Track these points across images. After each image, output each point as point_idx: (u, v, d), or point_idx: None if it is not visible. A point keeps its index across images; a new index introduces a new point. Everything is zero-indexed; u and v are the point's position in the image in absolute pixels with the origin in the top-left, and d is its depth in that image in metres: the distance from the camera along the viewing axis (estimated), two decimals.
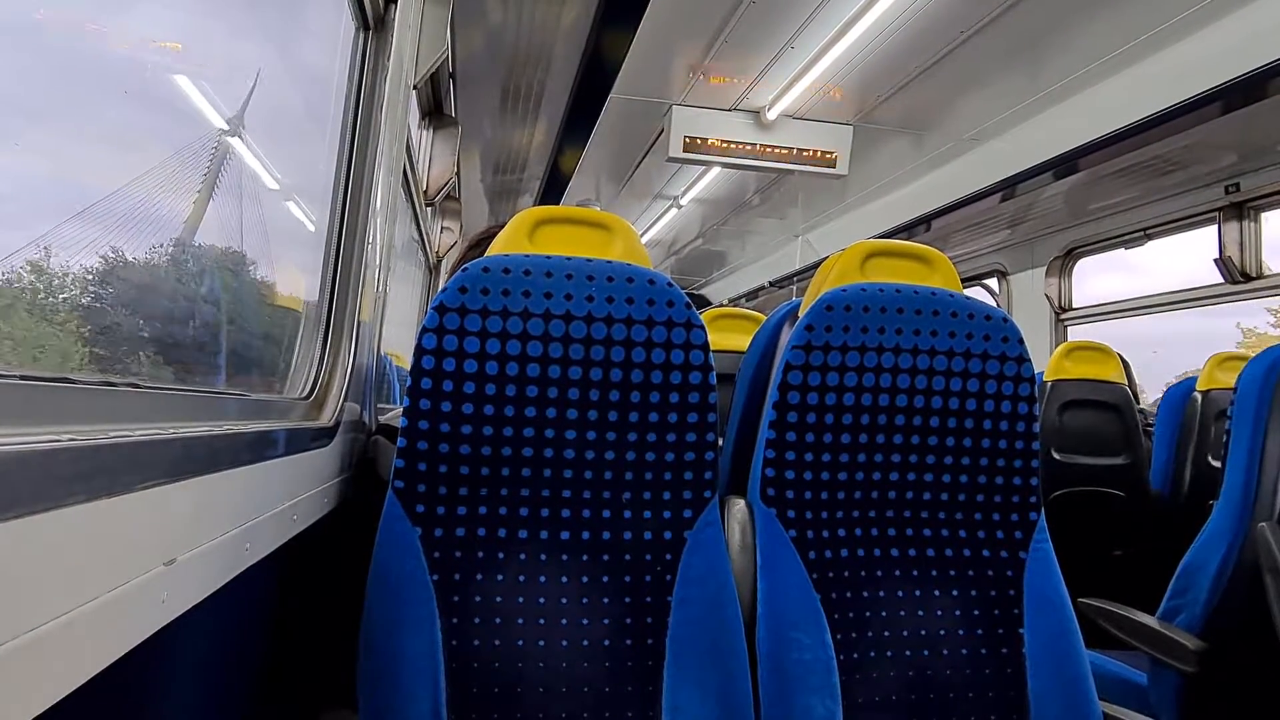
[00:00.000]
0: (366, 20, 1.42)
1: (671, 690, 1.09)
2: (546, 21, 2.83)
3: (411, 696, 1.01)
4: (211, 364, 1.16)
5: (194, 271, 1.13)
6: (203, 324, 1.15)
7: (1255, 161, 3.03)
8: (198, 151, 1.07)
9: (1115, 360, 2.81)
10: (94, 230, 0.81)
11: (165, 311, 1.05)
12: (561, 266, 1.09)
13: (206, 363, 1.14)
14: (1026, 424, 1.27)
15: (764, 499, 1.22)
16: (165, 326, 1.05)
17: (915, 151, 3.95)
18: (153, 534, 0.56)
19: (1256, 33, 2.37)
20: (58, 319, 0.82)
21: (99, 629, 0.49)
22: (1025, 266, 4.38)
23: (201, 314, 1.15)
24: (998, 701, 1.20)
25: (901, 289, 1.24)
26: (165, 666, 0.64)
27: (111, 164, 0.87)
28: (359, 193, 1.34)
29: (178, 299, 1.08)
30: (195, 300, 1.13)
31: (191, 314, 1.11)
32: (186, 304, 1.10)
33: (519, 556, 1.09)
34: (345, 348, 1.27)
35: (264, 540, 0.82)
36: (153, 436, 0.57)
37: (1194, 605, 1.71)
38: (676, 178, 4.88)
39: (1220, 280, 3.34)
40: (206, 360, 1.14)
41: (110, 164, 0.87)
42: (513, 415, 1.08)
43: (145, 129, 0.95)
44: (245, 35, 1.23)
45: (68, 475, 0.45)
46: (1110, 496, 2.70)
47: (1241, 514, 1.66)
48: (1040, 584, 1.25)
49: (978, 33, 2.78)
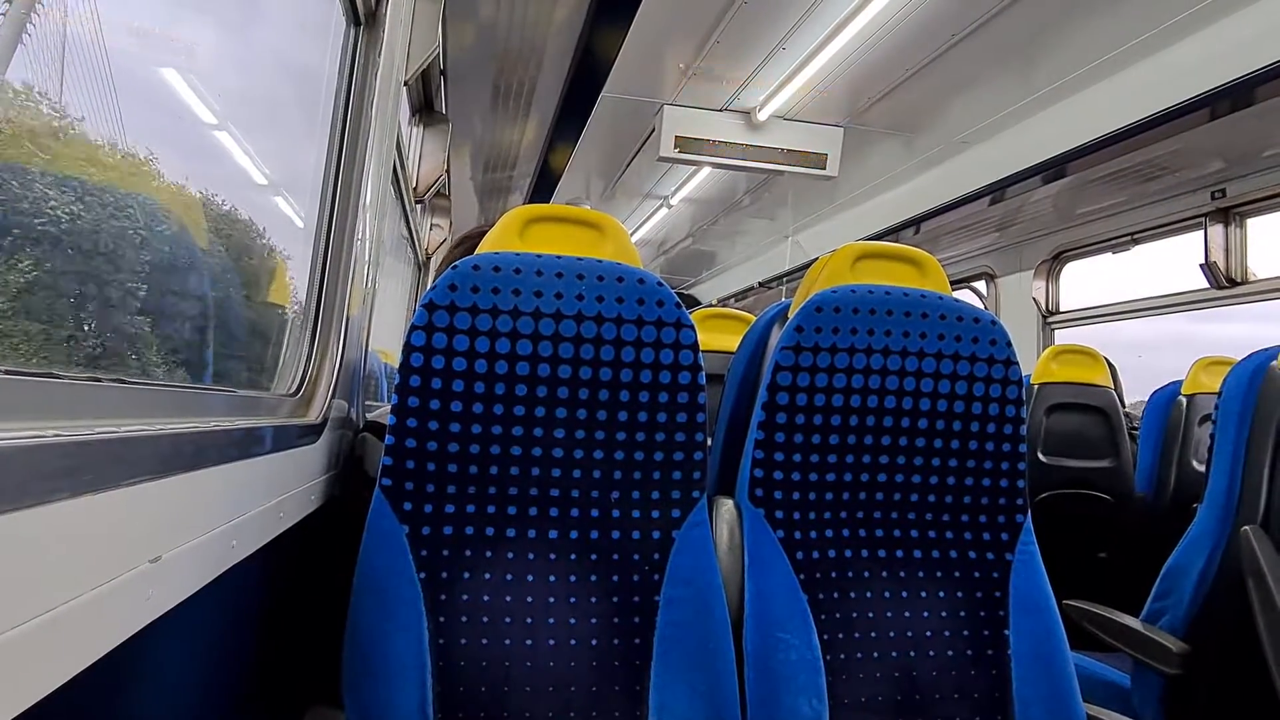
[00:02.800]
0: (358, 15, 1.41)
1: (658, 690, 1.09)
2: (538, 19, 2.83)
3: (398, 695, 1.01)
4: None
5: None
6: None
7: (1242, 167, 3.05)
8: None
9: (1102, 364, 2.83)
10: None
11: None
12: (552, 265, 1.09)
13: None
14: (1014, 426, 1.27)
15: (752, 499, 1.22)
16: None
17: (905, 154, 3.97)
18: (138, 530, 0.56)
19: (1243, 40, 2.38)
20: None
21: (83, 626, 0.48)
22: (1013, 270, 4.41)
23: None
24: (983, 702, 1.20)
25: (891, 291, 1.24)
26: (150, 664, 0.64)
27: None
28: (349, 188, 1.34)
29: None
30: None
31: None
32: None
33: (507, 555, 1.09)
34: (333, 344, 1.26)
35: (251, 537, 0.82)
36: (139, 432, 0.56)
37: (1177, 608, 1.72)
38: (667, 177, 4.87)
39: (1206, 285, 3.36)
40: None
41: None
42: (501, 414, 1.08)
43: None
44: (236, 29, 1.22)
45: (52, 471, 0.45)
46: (1096, 499, 2.72)
47: (1225, 517, 1.68)
48: (1026, 586, 1.26)
49: (968, 37, 2.79)
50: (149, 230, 0.98)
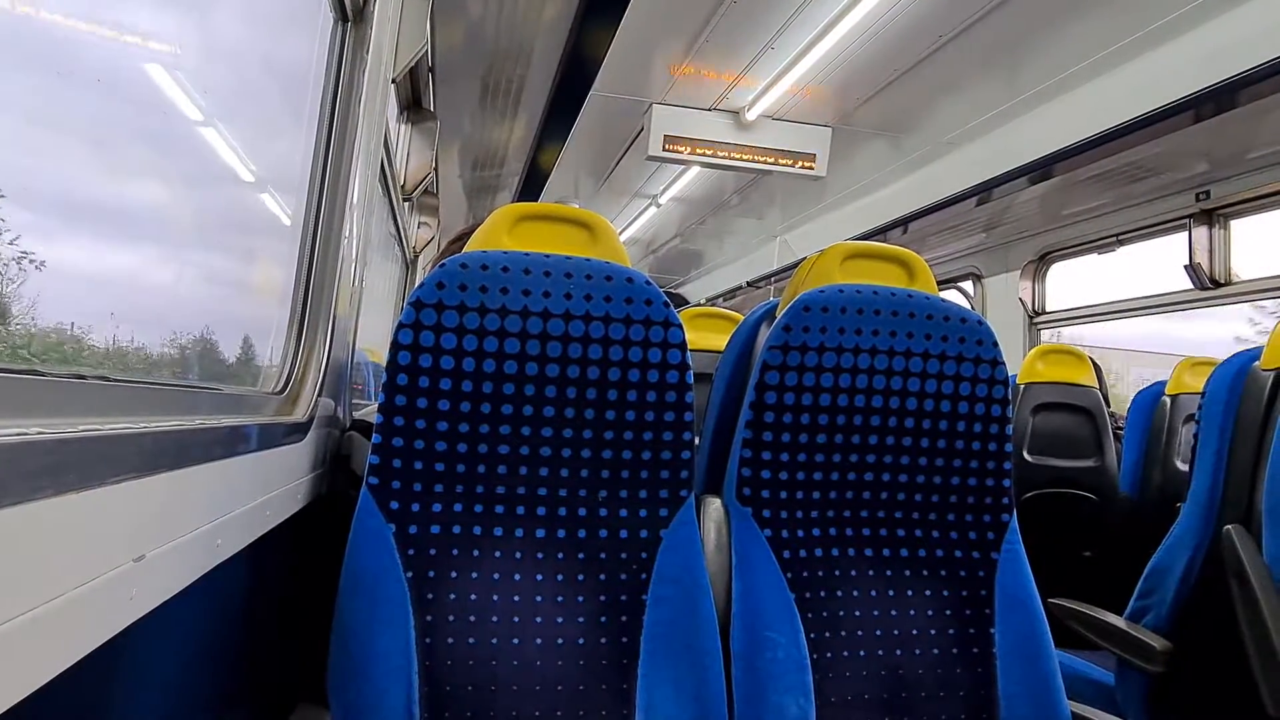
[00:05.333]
0: (345, 12, 1.40)
1: (646, 689, 1.09)
2: (527, 17, 2.82)
3: (384, 693, 1.00)
4: None
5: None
6: None
7: (1226, 170, 3.07)
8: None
9: (1087, 364, 2.85)
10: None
11: None
12: (540, 264, 1.09)
13: None
14: (1000, 426, 1.28)
15: (740, 498, 1.22)
16: None
17: (893, 154, 3.98)
18: (122, 529, 0.56)
19: (1227, 44, 2.40)
20: None
21: (65, 626, 0.48)
22: (1000, 270, 4.43)
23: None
24: (968, 701, 1.21)
25: (879, 290, 1.24)
26: (135, 664, 0.63)
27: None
28: (336, 186, 1.33)
29: None
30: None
31: None
32: None
33: (494, 554, 1.09)
34: (320, 342, 1.26)
35: (236, 536, 0.81)
36: (123, 430, 0.56)
37: (1161, 606, 1.74)
38: (655, 176, 4.88)
39: (1190, 286, 3.39)
40: None
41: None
42: (489, 412, 1.08)
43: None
44: (222, 24, 1.21)
45: (35, 469, 0.44)
46: (1081, 498, 2.73)
47: (1208, 517, 1.69)
48: (1011, 584, 1.27)
49: (955, 38, 2.81)
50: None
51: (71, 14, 0.78)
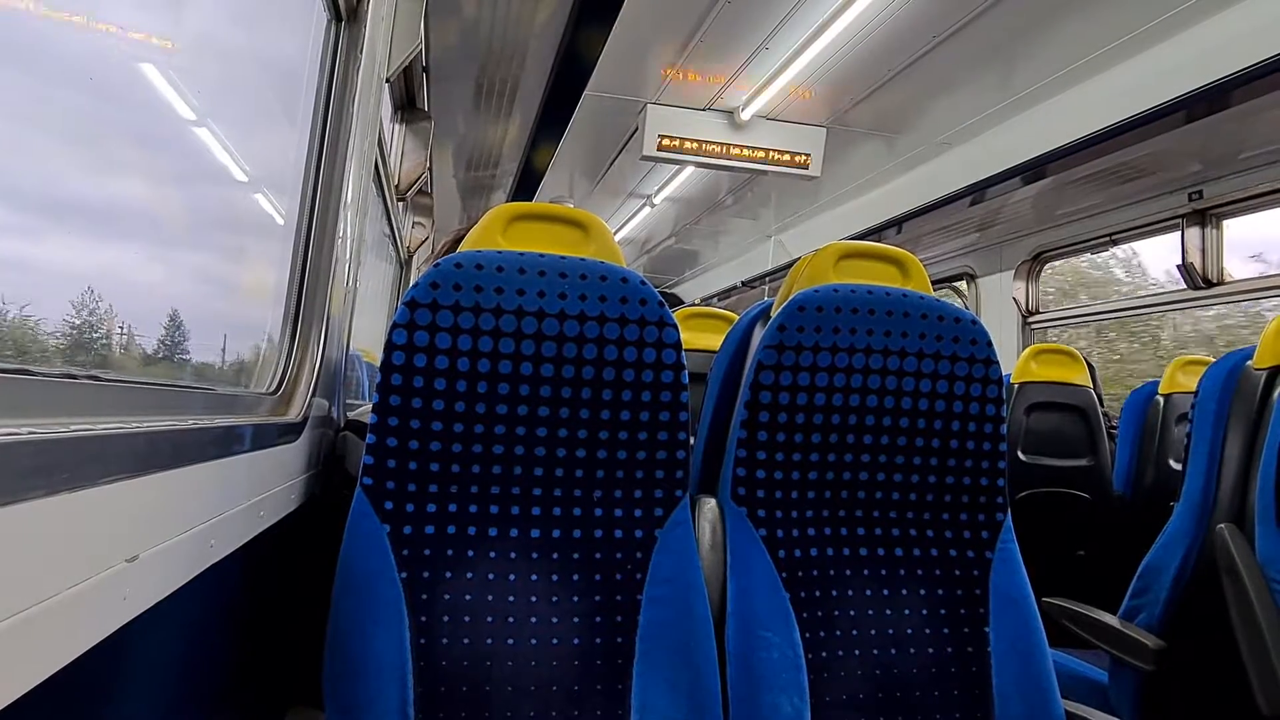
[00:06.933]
0: (339, 11, 1.40)
1: (640, 689, 1.09)
2: (521, 16, 2.82)
3: (379, 695, 1.00)
4: None
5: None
6: None
7: (1218, 170, 3.09)
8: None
9: (1081, 364, 2.85)
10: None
11: None
12: (535, 263, 1.09)
13: None
14: (994, 425, 1.28)
15: (734, 498, 1.22)
16: None
17: (887, 154, 3.99)
18: (114, 530, 0.55)
19: (1220, 44, 2.41)
20: None
21: (58, 626, 0.48)
22: (994, 270, 4.44)
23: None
24: (963, 699, 1.21)
25: (873, 290, 1.24)
26: (126, 665, 0.63)
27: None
28: (329, 186, 1.33)
29: None
30: None
31: None
32: None
33: (489, 554, 1.09)
34: (314, 342, 1.25)
35: (229, 537, 0.81)
36: (115, 430, 0.56)
37: (1154, 605, 1.74)
38: (650, 176, 4.87)
39: (1182, 286, 3.40)
40: None
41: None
42: (484, 412, 1.08)
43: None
44: (216, 22, 1.21)
45: (27, 469, 0.44)
46: (1074, 498, 2.74)
47: (1201, 516, 1.69)
48: (1005, 583, 1.27)
49: (949, 38, 2.81)
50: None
51: (63, 9, 0.78)
